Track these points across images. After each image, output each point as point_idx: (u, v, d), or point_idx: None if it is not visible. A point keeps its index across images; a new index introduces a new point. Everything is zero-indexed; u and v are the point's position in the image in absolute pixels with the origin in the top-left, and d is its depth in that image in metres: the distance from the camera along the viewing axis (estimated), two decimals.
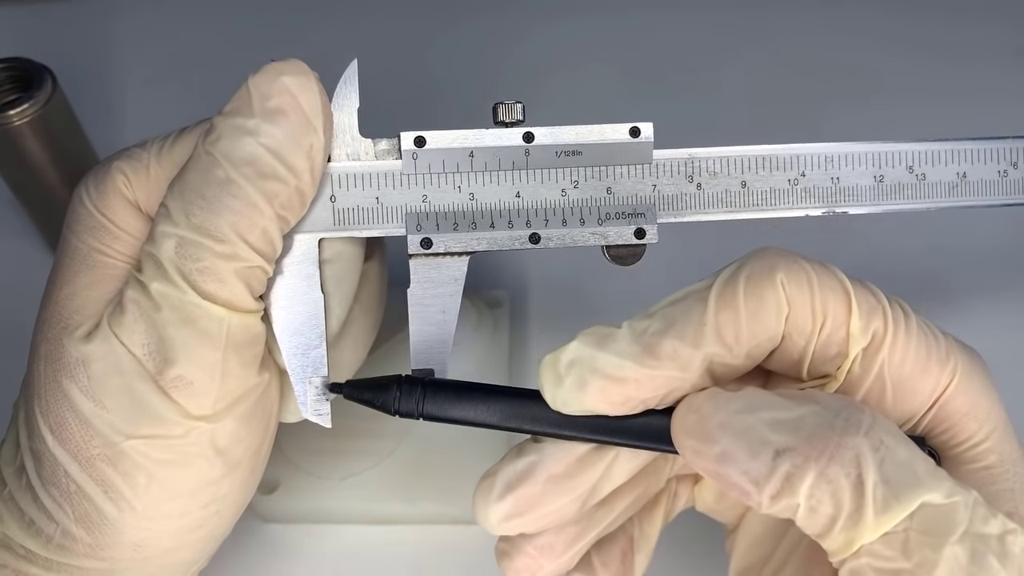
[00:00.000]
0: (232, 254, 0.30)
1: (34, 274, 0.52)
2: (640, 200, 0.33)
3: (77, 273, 0.32)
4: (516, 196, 0.33)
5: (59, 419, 0.31)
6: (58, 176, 0.46)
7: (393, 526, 0.43)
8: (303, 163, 0.31)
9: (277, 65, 0.31)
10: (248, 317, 0.31)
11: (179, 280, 0.30)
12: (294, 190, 0.31)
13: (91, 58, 0.61)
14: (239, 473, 0.32)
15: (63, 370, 0.31)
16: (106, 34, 0.63)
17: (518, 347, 0.48)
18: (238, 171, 0.30)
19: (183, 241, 0.30)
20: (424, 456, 0.43)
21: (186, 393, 0.30)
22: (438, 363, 0.33)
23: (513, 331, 0.48)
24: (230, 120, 0.30)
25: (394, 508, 0.42)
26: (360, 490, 0.42)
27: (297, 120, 0.30)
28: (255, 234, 0.30)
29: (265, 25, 0.63)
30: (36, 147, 0.45)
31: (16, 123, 0.43)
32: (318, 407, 0.33)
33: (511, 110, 0.33)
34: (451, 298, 0.33)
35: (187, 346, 0.30)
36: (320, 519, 0.43)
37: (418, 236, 0.33)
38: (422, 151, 0.33)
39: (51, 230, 0.50)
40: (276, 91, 0.30)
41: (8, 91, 0.44)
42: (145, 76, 0.61)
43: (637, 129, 0.33)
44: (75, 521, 0.31)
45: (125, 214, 0.33)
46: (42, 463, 0.31)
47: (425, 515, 0.43)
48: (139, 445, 0.30)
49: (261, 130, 0.30)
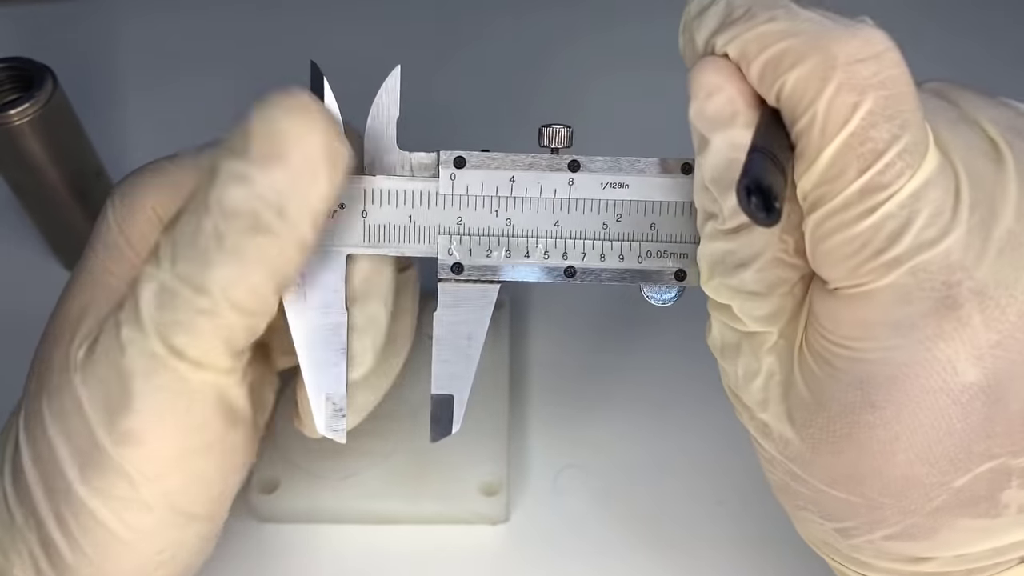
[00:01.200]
0: (211, 310, 0.28)
1: (34, 274, 0.53)
2: (684, 239, 0.32)
3: (83, 290, 0.31)
4: (555, 225, 0.32)
5: (34, 440, 0.30)
6: (58, 176, 0.46)
7: (393, 526, 0.43)
8: (302, 213, 0.28)
9: (279, 98, 0.27)
10: (219, 376, 0.29)
11: (149, 328, 0.28)
12: (292, 242, 0.28)
13: (91, 58, 0.61)
14: (196, 523, 0.31)
15: (46, 394, 0.30)
16: (106, 34, 0.63)
17: (518, 347, 0.48)
18: (228, 223, 0.27)
19: (163, 288, 0.28)
20: (424, 456, 0.43)
21: (136, 450, 0.28)
22: (460, 390, 0.32)
23: (513, 331, 0.48)
24: (226, 162, 0.28)
25: (394, 508, 0.42)
26: (360, 490, 0.42)
27: (297, 166, 0.27)
28: (242, 291, 0.28)
29: (267, 25, 0.63)
30: (36, 147, 0.45)
31: (16, 123, 0.43)
32: (334, 423, 0.32)
33: (558, 135, 0.31)
34: (478, 324, 0.32)
35: (145, 401, 0.28)
36: (320, 519, 0.43)
37: (449, 260, 0.32)
38: (461, 172, 0.31)
39: (51, 230, 0.50)
40: (275, 132, 0.27)
41: (8, 91, 0.44)
42: (145, 76, 0.61)
43: (689, 165, 0.31)
44: (39, 544, 0.30)
45: (145, 233, 0.31)
46: (18, 479, 0.30)
47: (425, 515, 0.42)
48: (89, 493, 0.29)
49: (256, 178, 0.27)
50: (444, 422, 0.33)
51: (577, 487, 0.44)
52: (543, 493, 0.44)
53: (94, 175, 0.49)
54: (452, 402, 0.32)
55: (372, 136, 0.31)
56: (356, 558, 0.42)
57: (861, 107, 0.25)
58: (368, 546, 0.43)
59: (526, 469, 0.45)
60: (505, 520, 0.43)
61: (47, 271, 0.52)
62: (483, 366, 0.46)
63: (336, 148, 0.28)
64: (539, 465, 0.45)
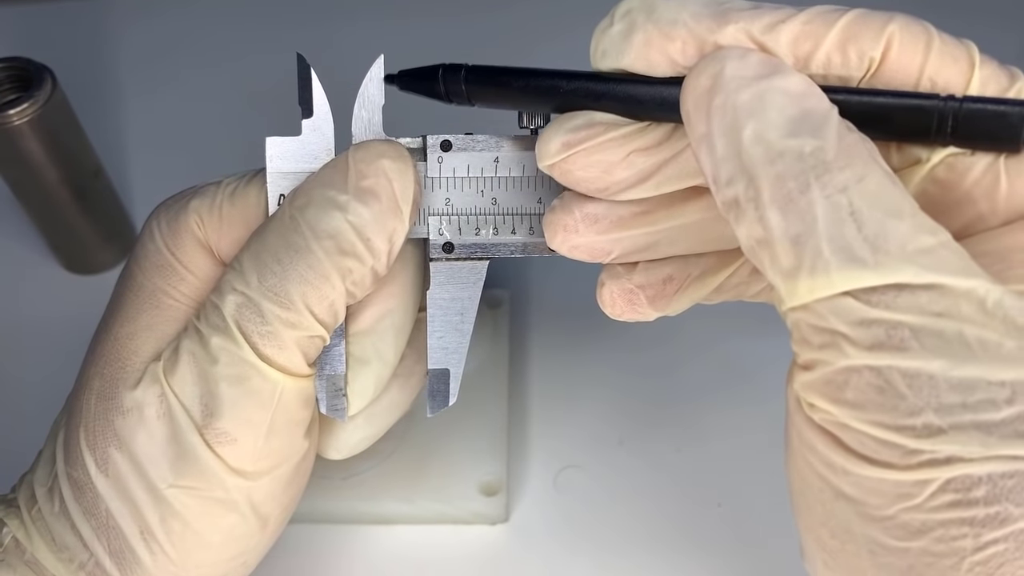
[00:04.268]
0: (296, 322, 0.30)
1: (34, 274, 0.53)
2: None
3: (140, 312, 0.33)
4: (538, 202, 0.33)
5: (105, 455, 0.31)
6: (58, 176, 0.46)
7: (393, 526, 0.43)
8: (384, 246, 0.31)
9: (379, 146, 0.31)
10: (301, 381, 0.32)
11: (239, 338, 0.30)
12: (369, 270, 0.31)
13: (91, 58, 0.61)
14: (269, 528, 0.33)
15: (115, 409, 0.31)
16: (106, 34, 0.63)
17: (518, 347, 0.48)
18: (319, 243, 0.30)
19: (250, 301, 0.30)
20: (424, 456, 0.43)
21: (229, 449, 0.31)
22: (455, 364, 0.34)
23: (513, 331, 0.48)
24: (323, 191, 0.31)
25: (394, 508, 0.42)
26: (360, 490, 0.42)
27: (387, 204, 0.30)
28: (323, 306, 0.30)
29: (267, 25, 0.63)
30: (36, 147, 0.45)
31: (16, 123, 0.43)
32: (335, 403, 0.33)
33: (536, 116, 0.32)
34: (470, 301, 0.34)
35: (237, 404, 0.30)
36: (320, 519, 0.43)
37: (440, 240, 0.33)
38: (448, 155, 0.33)
39: (51, 230, 0.50)
40: (373, 172, 0.30)
41: (8, 91, 0.44)
42: (145, 76, 0.61)
43: None
44: (109, 554, 0.31)
45: (195, 255, 0.33)
46: (83, 492, 0.31)
47: (425, 515, 0.42)
48: (179, 494, 0.31)
49: (351, 208, 0.30)
50: (441, 395, 0.34)
51: (577, 487, 0.44)
52: (543, 493, 0.44)
53: (93, 175, 0.49)
54: (448, 376, 0.34)
55: (359, 124, 0.33)
56: (356, 558, 0.42)
57: None
58: (368, 546, 0.43)
59: (526, 469, 0.45)
60: (504, 520, 0.43)
61: (47, 271, 0.52)
62: (483, 366, 0.46)
63: (418, 190, 0.32)
64: (539, 465, 0.45)
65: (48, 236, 0.51)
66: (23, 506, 0.32)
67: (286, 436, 0.32)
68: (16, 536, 0.32)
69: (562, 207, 0.30)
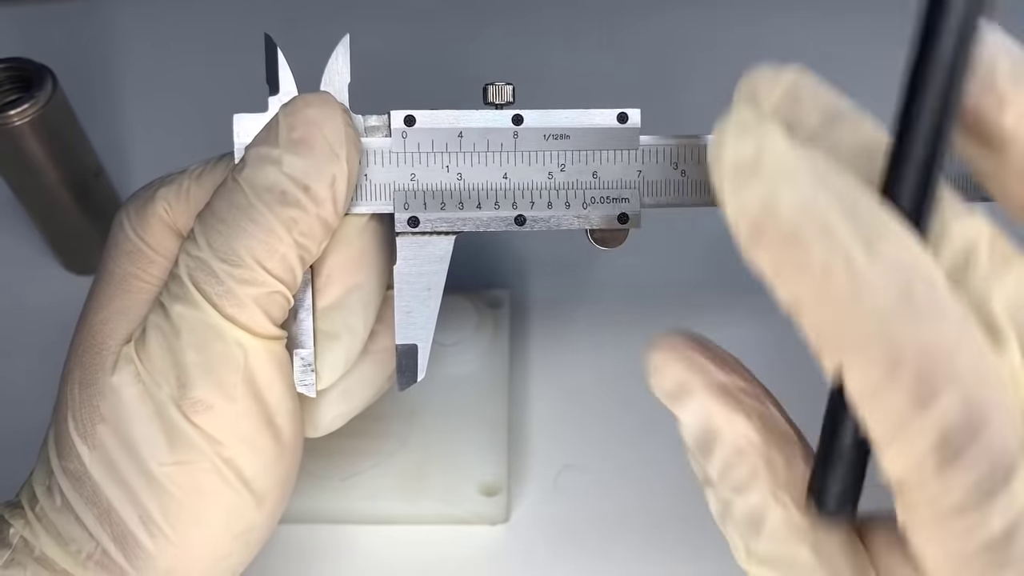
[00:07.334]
0: (250, 279, 0.30)
1: (34, 274, 0.53)
2: (625, 184, 0.34)
3: (112, 297, 0.33)
4: (503, 177, 0.33)
5: (94, 442, 0.31)
6: (58, 176, 0.46)
7: (393, 526, 0.43)
8: (326, 192, 0.31)
9: (304, 97, 0.32)
10: (270, 343, 0.32)
11: (200, 300, 0.30)
12: (315, 218, 0.31)
13: (91, 58, 0.61)
14: (266, 506, 0.33)
15: (97, 395, 0.31)
16: (106, 34, 0.63)
17: (518, 347, 0.48)
18: (259, 197, 0.30)
19: (202, 264, 0.31)
20: (425, 456, 0.43)
21: (206, 417, 0.31)
22: (423, 339, 0.34)
23: (513, 331, 0.48)
24: (256, 149, 0.31)
25: (394, 508, 0.42)
26: (361, 490, 0.42)
27: (320, 150, 0.31)
28: (274, 260, 0.31)
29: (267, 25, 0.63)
30: (36, 147, 0.45)
31: (16, 123, 0.43)
32: (303, 378, 0.33)
33: (501, 91, 0.33)
34: (436, 275, 0.34)
35: (206, 368, 0.30)
36: (320, 519, 0.43)
37: (405, 214, 0.33)
38: (412, 130, 0.33)
39: (51, 230, 0.50)
40: (301, 122, 0.31)
41: (8, 91, 0.44)
42: (145, 76, 0.61)
43: (625, 115, 0.33)
44: (113, 541, 0.31)
45: (163, 238, 0.33)
46: (81, 483, 0.31)
47: (425, 515, 0.43)
48: (170, 472, 0.31)
49: (284, 159, 0.30)
50: (409, 370, 0.34)
51: (577, 487, 0.44)
52: (543, 493, 0.44)
53: (94, 175, 0.49)
54: (416, 351, 0.34)
55: None
56: (356, 558, 0.42)
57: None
58: (368, 546, 0.43)
59: (526, 469, 0.45)
60: (505, 520, 0.43)
61: (47, 271, 0.52)
62: (483, 366, 0.46)
63: (351, 133, 0.32)
64: (539, 465, 0.45)
65: (48, 236, 0.51)
66: (26, 505, 0.32)
67: (266, 400, 0.32)
68: (23, 535, 0.32)
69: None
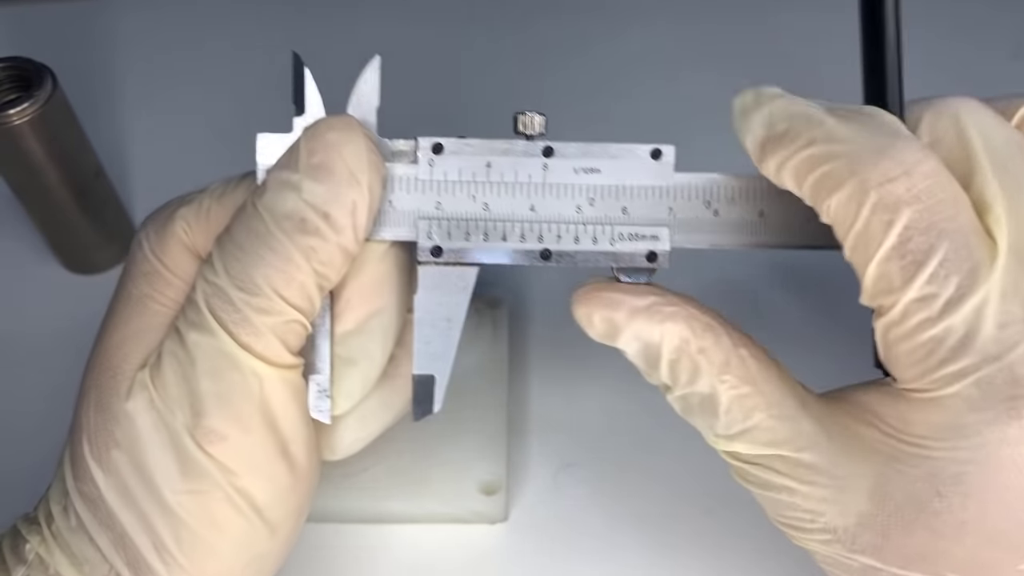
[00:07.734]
0: (267, 308, 0.30)
1: (34, 274, 0.53)
2: (655, 222, 0.33)
3: (129, 319, 0.32)
4: (531, 210, 0.33)
5: (111, 467, 0.31)
6: (58, 176, 0.46)
7: (393, 525, 0.43)
8: (346, 220, 0.30)
9: (328, 120, 0.31)
10: (286, 372, 0.31)
11: (216, 328, 0.30)
12: (335, 246, 0.30)
13: (91, 58, 0.61)
14: (280, 536, 0.32)
15: (112, 420, 0.31)
16: (106, 34, 0.63)
17: (518, 347, 0.48)
18: (278, 225, 0.30)
19: (219, 290, 0.30)
20: (424, 456, 0.43)
21: (221, 447, 0.30)
22: (441, 370, 0.33)
23: (513, 331, 0.48)
24: (277, 173, 0.30)
25: (394, 507, 0.42)
26: (360, 490, 0.42)
27: (340, 176, 0.30)
28: (291, 289, 0.30)
29: (268, 26, 0.63)
30: (36, 147, 0.45)
31: (16, 123, 0.43)
32: (318, 404, 0.33)
33: (532, 122, 0.32)
34: (458, 307, 0.33)
35: (221, 398, 0.30)
36: (320, 518, 0.43)
37: (429, 243, 0.32)
38: (439, 158, 0.32)
39: (51, 230, 0.50)
40: (321, 147, 0.30)
41: (8, 91, 0.44)
42: (145, 76, 0.61)
43: (659, 151, 0.33)
44: (127, 566, 0.31)
45: (181, 259, 0.33)
46: (96, 507, 0.31)
47: (424, 514, 0.43)
48: (183, 500, 0.30)
49: (304, 185, 0.30)
50: (426, 402, 0.33)
51: (576, 487, 0.44)
52: (542, 492, 0.44)
53: (94, 175, 0.49)
54: (433, 382, 0.33)
55: None
56: (356, 557, 0.42)
57: (896, 224, 0.27)
58: (368, 545, 0.43)
59: (525, 468, 0.45)
60: (504, 519, 0.43)
61: (47, 271, 0.52)
62: (483, 366, 0.46)
63: (374, 158, 0.31)
64: (538, 464, 0.45)
65: (48, 236, 0.51)
66: (43, 522, 0.32)
67: (280, 429, 0.31)
68: (39, 552, 0.31)
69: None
